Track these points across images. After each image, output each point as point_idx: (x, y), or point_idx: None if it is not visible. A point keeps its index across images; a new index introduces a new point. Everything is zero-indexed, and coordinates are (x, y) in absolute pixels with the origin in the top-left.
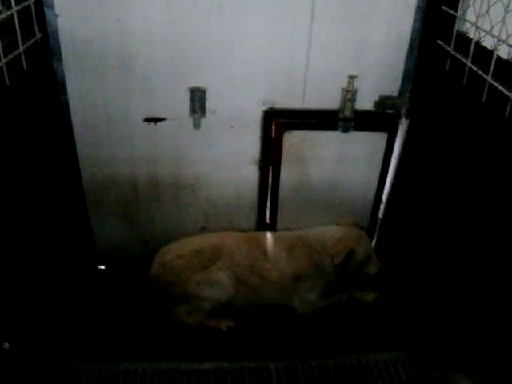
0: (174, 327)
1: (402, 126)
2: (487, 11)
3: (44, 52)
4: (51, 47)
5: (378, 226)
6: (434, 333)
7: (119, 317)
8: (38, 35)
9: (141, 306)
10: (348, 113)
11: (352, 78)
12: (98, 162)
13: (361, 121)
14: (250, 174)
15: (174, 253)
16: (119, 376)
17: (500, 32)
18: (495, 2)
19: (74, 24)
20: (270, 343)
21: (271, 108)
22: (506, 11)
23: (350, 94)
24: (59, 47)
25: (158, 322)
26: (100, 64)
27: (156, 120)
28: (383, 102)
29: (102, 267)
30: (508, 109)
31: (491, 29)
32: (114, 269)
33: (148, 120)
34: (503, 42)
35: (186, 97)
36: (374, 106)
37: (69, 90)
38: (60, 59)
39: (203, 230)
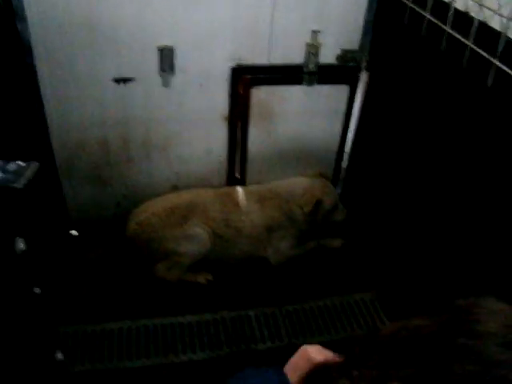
0: (154, 284)
1: (363, 79)
2: None
3: (6, 12)
4: (13, 6)
5: (342, 176)
6: (399, 273)
7: (99, 279)
8: None
9: (119, 267)
10: (312, 67)
11: (315, 33)
12: (68, 126)
13: (324, 74)
14: (219, 130)
15: (150, 211)
16: (104, 337)
17: None
18: None
19: None
20: (247, 293)
21: (238, 65)
22: None
23: (313, 49)
24: (23, 8)
25: (139, 281)
26: (66, 23)
27: (125, 80)
28: (345, 56)
29: (75, 232)
30: (467, 56)
31: None
32: (87, 232)
33: (117, 80)
34: None
35: (155, 56)
36: (336, 59)
37: (35, 52)
38: (24, 19)
39: (174, 188)
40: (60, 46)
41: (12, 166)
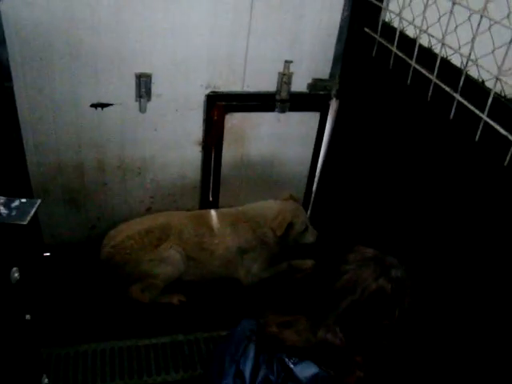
0: (128, 306)
1: (333, 106)
2: (409, 4)
3: None
4: None
5: (312, 198)
6: None
7: (74, 302)
8: None
9: (94, 290)
10: (284, 95)
11: (288, 62)
12: (45, 149)
13: (296, 102)
14: (193, 154)
15: (125, 234)
16: (78, 359)
17: (422, 23)
18: None
19: (18, 9)
20: (221, 314)
21: (213, 92)
22: (426, 6)
23: (286, 78)
24: (2, 32)
25: (112, 303)
26: (46, 50)
27: (103, 105)
28: (316, 84)
29: (48, 254)
30: (431, 90)
31: (413, 20)
32: (61, 255)
33: (95, 106)
34: (424, 31)
35: (132, 82)
36: (308, 87)
37: (13, 76)
38: (3, 43)
39: (149, 210)
40: (39, 70)
41: (15, 203)
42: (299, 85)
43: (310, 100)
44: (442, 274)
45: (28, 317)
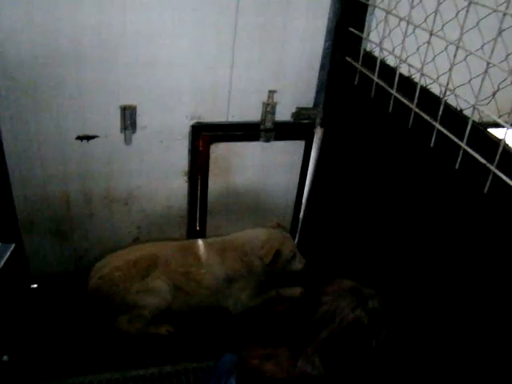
0: (116, 337)
1: (318, 134)
2: (389, 34)
3: None
4: None
5: (299, 226)
6: None
7: (61, 333)
8: None
9: (81, 321)
10: (269, 124)
11: (271, 92)
12: (31, 182)
13: (281, 131)
14: (179, 184)
15: (112, 265)
16: None
17: (401, 52)
18: (394, 28)
19: (4, 47)
20: (208, 343)
21: (198, 122)
22: (405, 35)
23: (270, 107)
24: None
25: (100, 334)
26: (31, 84)
27: (88, 138)
28: (300, 113)
29: (35, 286)
30: (411, 118)
31: (393, 49)
32: (48, 287)
33: (80, 138)
34: (403, 61)
35: (117, 114)
36: (292, 116)
37: None
38: None
39: (136, 240)
40: (24, 104)
41: None
42: (283, 114)
43: (294, 129)
44: (424, 301)
45: (5, 358)
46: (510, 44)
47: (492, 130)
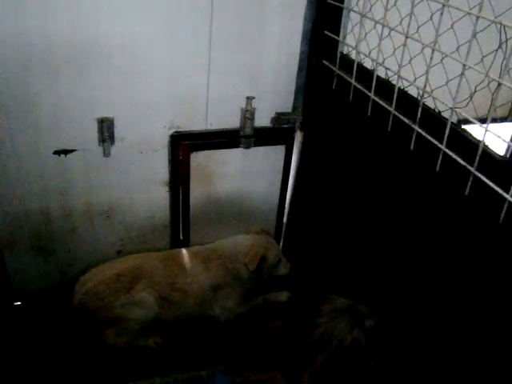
0: (103, 352)
1: (298, 138)
2: (365, 37)
3: None
4: None
5: (283, 231)
6: None
7: (47, 350)
8: None
9: (67, 337)
10: (248, 130)
11: (250, 98)
12: (9, 199)
13: (261, 136)
14: (161, 195)
15: (96, 279)
16: None
17: (378, 55)
18: (370, 31)
19: None
20: (199, 353)
21: (177, 132)
22: (381, 38)
23: (248, 114)
24: None
25: (87, 350)
26: (3, 100)
27: (66, 152)
28: (279, 118)
29: (18, 303)
30: (390, 121)
31: (370, 52)
32: (32, 303)
33: (58, 152)
34: (380, 64)
35: (95, 127)
36: (271, 121)
37: None
38: None
39: (119, 253)
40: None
41: None
42: (263, 119)
43: (274, 134)
44: (407, 303)
45: None
46: (485, 46)
47: (469, 127)
